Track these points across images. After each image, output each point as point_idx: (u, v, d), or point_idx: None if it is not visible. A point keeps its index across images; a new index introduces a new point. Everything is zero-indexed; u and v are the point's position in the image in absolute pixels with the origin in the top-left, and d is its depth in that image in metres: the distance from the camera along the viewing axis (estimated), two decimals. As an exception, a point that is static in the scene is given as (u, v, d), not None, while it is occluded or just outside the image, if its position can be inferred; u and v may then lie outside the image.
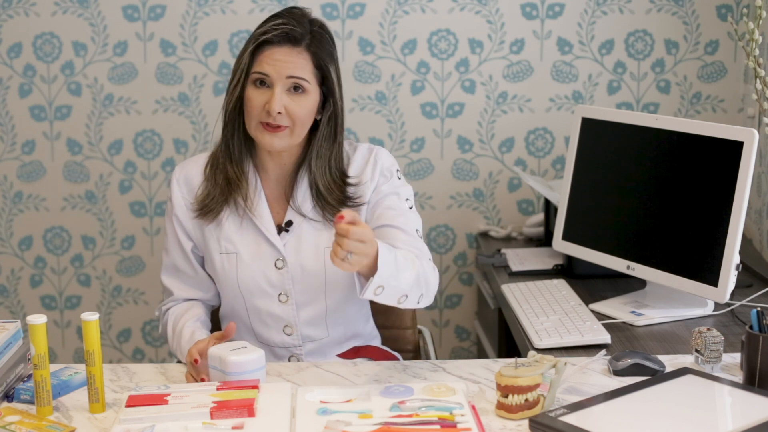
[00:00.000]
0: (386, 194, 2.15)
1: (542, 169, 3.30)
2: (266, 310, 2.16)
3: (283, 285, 2.14)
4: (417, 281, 1.94)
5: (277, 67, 2.04)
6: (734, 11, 3.19)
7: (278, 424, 1.72)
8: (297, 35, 2.05)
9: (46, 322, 1.80)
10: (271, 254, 2.13)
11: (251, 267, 2.14)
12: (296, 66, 2.05)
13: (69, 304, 3.40)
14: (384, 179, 2.16)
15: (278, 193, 2.17)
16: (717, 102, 3.26)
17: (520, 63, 3.24)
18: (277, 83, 2.04)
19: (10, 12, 3.20)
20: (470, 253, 3.37)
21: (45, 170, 3.30)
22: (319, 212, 2.14)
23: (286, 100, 2.05)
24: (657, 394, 1.81)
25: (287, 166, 2.15)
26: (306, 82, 2.05)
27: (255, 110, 2.06)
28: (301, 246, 2.13)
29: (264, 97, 2.05)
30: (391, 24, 3.21)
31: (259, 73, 2.06)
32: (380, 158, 2.16)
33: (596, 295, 2.50)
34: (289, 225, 2.14)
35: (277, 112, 2.04)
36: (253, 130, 2.08)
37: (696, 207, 2.27)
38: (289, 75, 2.05)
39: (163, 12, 3.20)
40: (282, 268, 2.13)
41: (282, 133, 2.06)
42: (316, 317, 2.17)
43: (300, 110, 2.06)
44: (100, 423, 1.80)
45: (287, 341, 2.18)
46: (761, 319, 1.87)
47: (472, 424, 1.70)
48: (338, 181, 2.13)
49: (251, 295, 2.15)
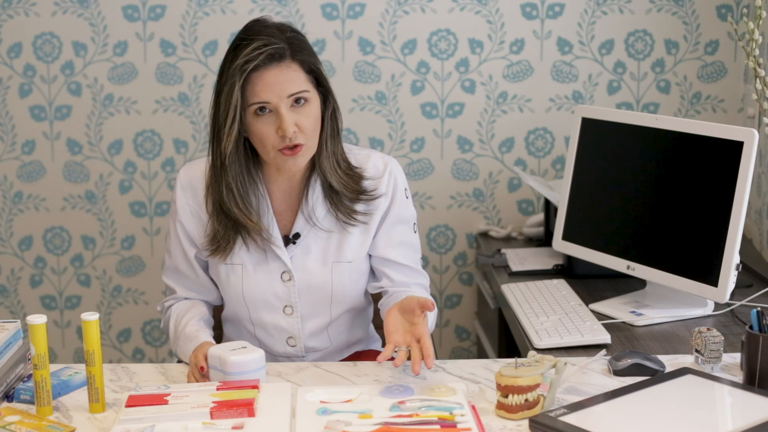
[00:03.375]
0: (397, 221, 2.16)
1: (542, 169, 3.30)
2: (271, 322, 2.15)
3: (289, 298, 2.13)
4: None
5: (275, 90, 1.98)
6: (734, 11, 3.19)
7: (278, 424, 1.72)
8: (279, 51, 1.99)
9: (46, 322, 1.80)
10: (277, 267, 2.12)
11: (257, 279, 2.12)
12: (291, 82, 1.99)
13: (69, 304, 3.40)
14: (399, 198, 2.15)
15: (286, 205, 2.13)
16: (717, 102, 3.26)
17: (520, 63, 3.24)
18: (280, 105, 1.98)
19: (10, 12, 3.20)
20: (470, 253, 3.37)
21: (45, 170, 3.30)
22: (332, 218, 2.11)
23: (294, 117, 1.99)
24: (657, 394, 1.81)
25: (296, 178, 2.11)
26: (306, 92, 2.01)
27: (269, 140, 2.00)
28: (309, 258, 2.12)
29: (271, 123, 1.99)
30: (391, 24, 3.21)
31: (259, 103, 1.98)
32: (395, 173, 2.15)
33: (596, 295, 2.50)
34: (297, 237, 2.12)
35: (292, 132, 1.98)
36: (273, 159, 2.03)
37: (696, 207, 2.27)
38: (289, 94, 1.99)
39: (163, 12, 3.20)
40: (288, 281, 2.12)
41: (302, 151, 2.01)
42: (320, 328, 2.17)
43: (310, 121, 2.01)
44: (100, 423, 1.80)
45: (290, 352, 2.18)
46: (761, 319, 1.87)
47: (472, 424, 1.70)
48: (349, 173, 2.10)
49: (256, 306, 2.14)
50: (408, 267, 2.17)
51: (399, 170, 2.16)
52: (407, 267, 2.17)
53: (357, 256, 2.14)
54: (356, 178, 2.11)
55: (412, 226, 2.19)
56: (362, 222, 2.12)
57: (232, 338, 2.24)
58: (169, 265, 2.21)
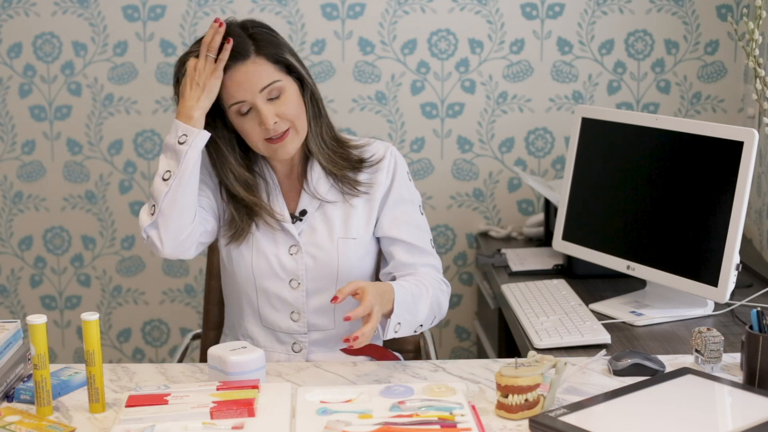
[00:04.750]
0: (400, 201, 2.19)
1: (542, 169, 3.30)
2: (276, 293, 2.17)
3: (296, 271, 2.16)
4: (431, 309, 2.11)
5: (246, 87, 2.04)
6: (734, 11, 3.19)
7: (278, 424, 1.72)
8: (241, 49, 2.05)
9: (46, 322, 1.80)
10: (285, 240, 2.16)
11: (265, 249, 2.16)
12: (260, 76, 2.05)
13: (69, 304, 3.40)
14: (400, 177, 2.19)
15: (289, 184, 2.20)
16: (717, 102, 3.26)
17: (520, 63, 3.24)
18: (256, 101, 2.05)
19: (10, 12, 3.20)
20: (470, 253, 3.37)
21: (45, 170, 3.30)
22: (336, 191, 2.17)
23: (273, 108, 2.06)
24: (657, 394, 1.81)
25: (295, 160, 2.18)
26: (278, 82, 2.06)
27: (255, 135, 2.08)
28: (316, 234, 2.16)
29: (254, 119, 2.07)
30: (391, 24, 3.21)
31: (236, 102, 2.06)
32: (396, 155, 2.21)
33: (596, 295, 2.50)
34: (303, 214, 2.16)
35: (273, 123, 2.05)
36: (263, 151, 2.11)
37: (696, 207, 2.27)
38: (261, 87, 2.05)
39: (163, 12, 3.20)
40: (295, 254, 2.16)
41: (289, 137, 2.08)
42: (325, 306, 2.18)
43: (290, 108, 2.07)
44: (100, 423, 1.80)
45: (293, 327, 2.18)
46: (761, 319, 1.87)
47: (472, 424, 1.70)
48: (337, 149, 2.17)
49: (262, 276, 2.17)
50: (415, 246, 2.19)
51: (400, 155, 2.22)
52: (414, 246, 2.19)
53: (362, 233, 2.17)
54: (350, 150, 2.17)
55: (417, 207, 2.22)
56: (364, 192, 2.16)
57: (234, 322, 2.25)
58: None
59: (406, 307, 2.04)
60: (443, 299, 2.17)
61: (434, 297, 2.13)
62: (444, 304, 2.18)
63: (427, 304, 2.10)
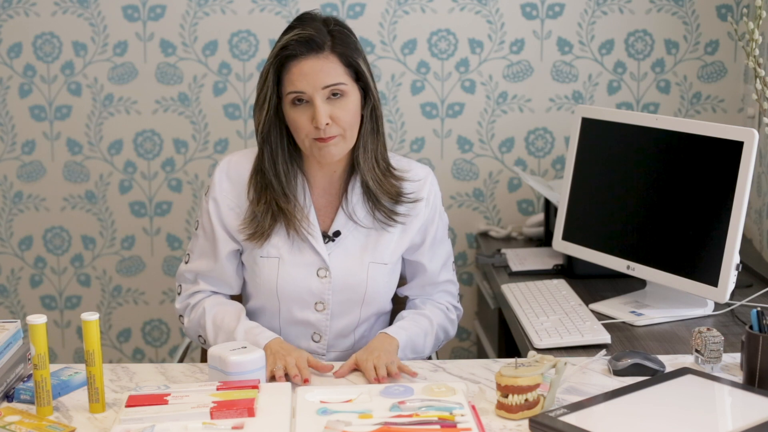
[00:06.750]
0: (439, 238, 2.21)
1: (542, 169, 3.30)
2: (300, 316, 2.14)
3: (323, 294, 2.12)
4: (436, 339, 2.19)
5: (309, 80, 1.99)
6: (734, 11, 3.19)
7: (278, 424, 1.72)
8: (318, 41, 2.00)
9: (46, 322, 1.80)
10: (314, 262, 2.11)
11: (292, 273, 2.11)
12: (328, 73, 2.00)
13: (69, 304, 3.40)
14: (440, 211, 2.21)
15: (325, 201, 2.14)
16: (717, 102, 3.26)
17: (520, 63, 3.24)
18: (315, 96, 1.99)
19: (10, 12, 3.20)
20: (470, 253, 3.37)
21: (45, 170, 3.30)
22: (371, 218, 2.13)
23: (329, 109, 2.00)
24: (657, 394, 1.81)
25: (337, 174, 2.13)
26: (343, 85, 2.01)
27: (303, 130, 2.02)
28: (347, 257, 2.12)
29: (307, 113, 2.01)
30: (391, 24, 3.21)
31: (295, 92, 2.01)
32: (435, 183, 2.21)
33: (596, 295, 2.50)
34: (337, 235, 2.12)
35: (324, 124, 1.99)
36: (308, 148, 2.05)
37: (696, 207, 2.27)
38: (325, 85, 2.00)
39: (163, 12, 3.20)
40: (324, 278, 2.12)
41: (335, 140, 2.03)
42: (348, 329, 2.17)
43: (346, 115, 2.02)
44: (100, 423, 1.80)
45: (313, 347, 2.17)
46: (761, 319, 1.87)
47: (472, 424, 1.70)
48: (387, 174, 2.12)
49: (288, 300, 2.13)
50: (439, 273, 2.23)
51: (436, 182, 2.22)
52: (438, 273, 2.23)
53: (393, 259, 2.16)
54: (394, 181, 2.13)
55: (447, 232, 2.25)
56: (401, 223, 2.14)
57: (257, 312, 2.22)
58: (195, 253, 2.17)
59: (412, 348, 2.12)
60: (450, 327, 2.22)
61: (439, 326, 2.18)
62: (450, 330, 2.22)
63: (432, 336, 2.16)
